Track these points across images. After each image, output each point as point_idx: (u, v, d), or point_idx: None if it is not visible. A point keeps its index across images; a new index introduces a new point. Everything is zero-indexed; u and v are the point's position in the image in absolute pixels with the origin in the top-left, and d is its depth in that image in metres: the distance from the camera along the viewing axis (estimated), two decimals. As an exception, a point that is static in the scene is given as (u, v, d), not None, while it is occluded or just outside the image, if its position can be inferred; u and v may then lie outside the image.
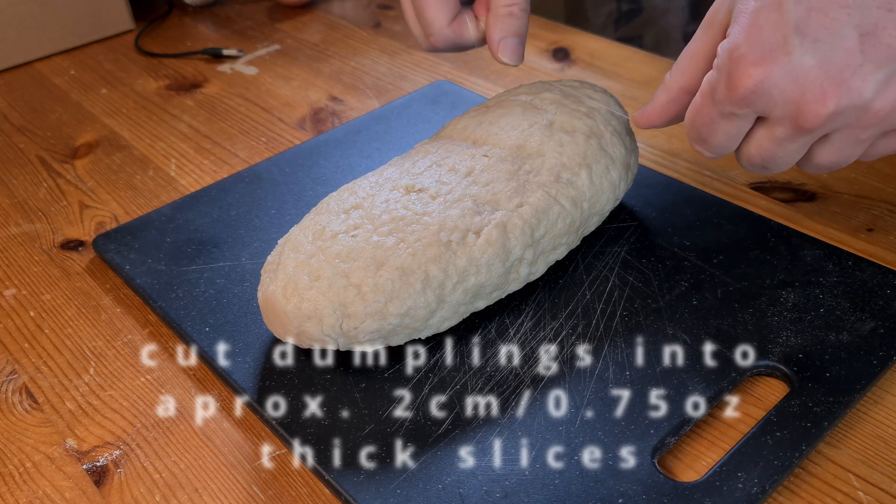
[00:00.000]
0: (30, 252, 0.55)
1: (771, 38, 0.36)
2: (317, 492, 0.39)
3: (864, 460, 0.38)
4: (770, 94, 0.36)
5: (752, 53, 0.36)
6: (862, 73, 0.35)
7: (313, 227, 0.43)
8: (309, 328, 0.40)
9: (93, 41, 0.84)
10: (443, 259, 0.41)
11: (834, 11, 0.35)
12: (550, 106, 0.48)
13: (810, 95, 0.36)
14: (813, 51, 0.35)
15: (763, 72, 0.36)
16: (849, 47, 0.35)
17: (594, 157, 0.46)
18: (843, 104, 0.35)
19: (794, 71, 0.35)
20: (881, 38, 0.34)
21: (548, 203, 0.44)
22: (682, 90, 0.42)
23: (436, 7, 0.50)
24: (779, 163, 0.40)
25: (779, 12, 0.36)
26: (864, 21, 0.34)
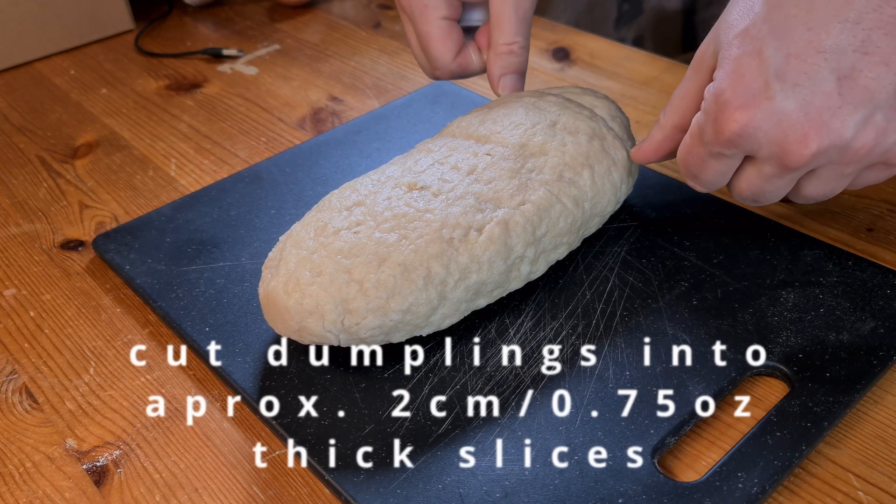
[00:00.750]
0: (30, 252, 0.55)
1: (753, 84, 0.37)
2: (317, 492, 0.39)
3: (864, 460, 0.38)
4: (755, 136, 0.38)
5: (736, 98, 0.38)
6: (841, 115, 0.36)
7: (315, 223, 0.43)
8: (310, 324, 0.40)
9: (93, 41, 0.84)
10: (445, 256, 0.41)
11: (812, 57, 0.36)
12: (554, 108, 0.48)
13: (793, 137, 0.37)
14: (793, 95, 0.37)
15: (747, 116, 0.38)
16: (827, 90, 0.36)
17: (597, 158, 0.46)
18: (825, 144, 0.37)
19: (776, 115, 0.37)
20: (858, 81, 0.36)
21: (550, 202, 0.44)
22: (676, 128, 0.44)
23: (441, 44, 0.52)
24: (768, 196, 0.42)
25: (759, 59, 0.37)
26: (841, 65, 0.36)
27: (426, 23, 0.52)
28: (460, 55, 0.53)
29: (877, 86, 0.36)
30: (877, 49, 0.36)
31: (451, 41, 0.52)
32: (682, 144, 0.43)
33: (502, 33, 0.51)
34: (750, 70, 0.37)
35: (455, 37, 0.53)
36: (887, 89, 0.36)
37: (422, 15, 0.52)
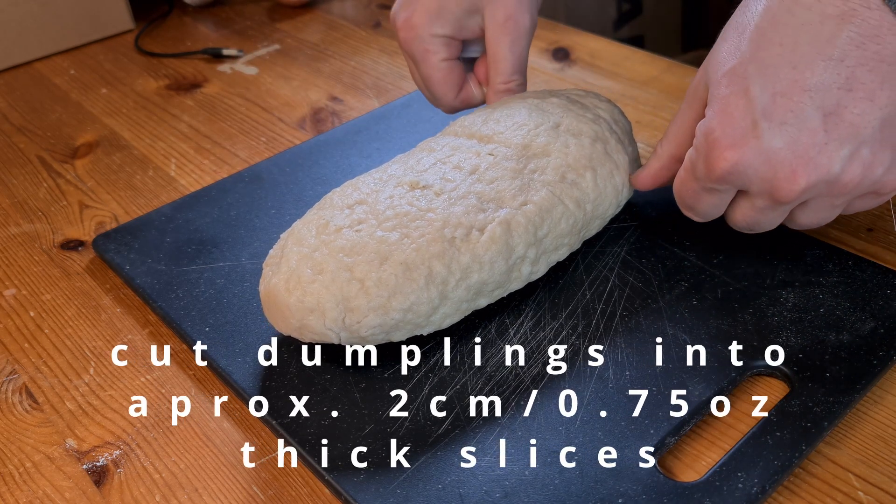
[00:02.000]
0: (30, 252, 0.55)
1: (741, 123, 0.38)
2: (317, 492, 0.39)
3: (864, 460, 0.38)
4: (745, 173, 0.39)
5: (725, 138, 0.39)
6: (827, 151, 0.37)
7: (317, 221, 0.43)
8: (311, 322, 0.40)
9: (93, 41, 0.84)
10: (446, 255, 0.41)
11: (797, 95, 0.37)
12: (557, 109, 0.48)
13: (782, 174, 0.38)
14: (781, 133, 0.37)
15: (737, 155, 0.38)
16: (813, 127, 0.37)
17: (599, 161, 0.46)
18: (813, 180, 0.38)
19: (764, 153, 0.38)
20: (843, 117, 0.37)
21: (552, 202, 0.44)
22: (672, 158, 0.45)
23: (443, 85, 0.54)
24: (763, 226, 0.43)
25: (746, 98, 0.38)
26: (826, 102, 0.37)
27: (428, 66, 0.54)
28: (462, 91, 0.55)
29: (862, 121, 0.37)
30: (861, 85, 0.37)
31: (452, 81, 0.55)
32: (676, 178, 0.44)
33: (499, 73, 0.53)
34: (738, 109, 0.38)
35: (456, 76, 0.55)
36: (872, 124, 0.37)
37: (423, 59, 0.54)
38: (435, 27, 0.53)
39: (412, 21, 0.54)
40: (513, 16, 0.52)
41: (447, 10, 0.53)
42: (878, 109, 0.37)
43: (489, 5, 0.53)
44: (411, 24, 0.54)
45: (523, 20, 0.53)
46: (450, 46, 0.55)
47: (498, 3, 0.53)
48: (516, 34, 0.53)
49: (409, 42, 0.55)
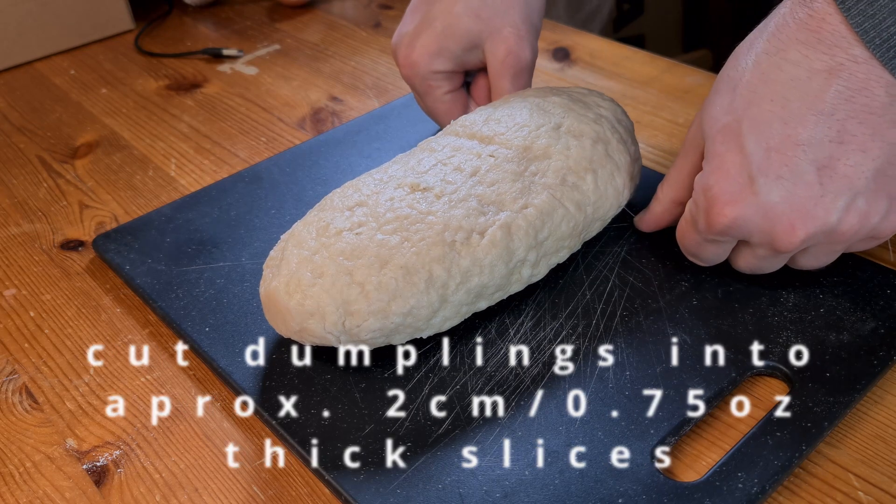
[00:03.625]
0: (30, 252, 0.55)
1: (738, 179, 0.39)
2: (317, 492, 0.39)
3: (864, 460, 0.38)
4: (745, 227, 0.40)
5: (723, 194, 0.40)
6: (824, 204, 0.38)
7: (317, 223, 0.43)
8: (311, 325, 0.40)
9: (93, 41, 0.84)
10: (446, 259, 0.41)
11: (791, 150, 0.38)
12: (559, 109, 0.48)
13: (780, 228, 0.39)
14: (777, 187, 0.38)
15: (735, 211, 0.39)
16: (809, 181, 0.38)
17: (600, 163, 0.46)
18: (812, 231, 0.39)
19: (762, 207, 0.39)
20: (837, 170, 0.38)
21: (553, 206, 0.44)
22: (673, 202, 0.47)
23: (447, 114, 0.57)
24: (766, 270, 0.44)
25: (742, 154, 0.39)
26: (819, 156, 0.38)
27: (433, 100, 0.56)
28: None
29: (855, 173, 0.38)
30: (852, 137, 0.37)
31: (456, 110, 0.57)
32: (678, 228, 0.45)
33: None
34: (734, 166, 0.39)
35: (460, 105, 0.57)
36: (866, 175, 0.38)
37: (427, 93, 0.56)
38: (435, 64, 0.55)
39: (412, 58, 0.55)
40: (513, 51, 0.53)
41: (447, 49, 0.54)
42: (871, 160, 0.37)
43: (489, 41, 0.54)
44: (411, 62, 0.55)
45: (524, 54, 0.54)
46: (452, 79, 0.56)
47: (497, 39, 0.54)
48: (518, 69, 0.54)
49: (410, 78, 0.56)
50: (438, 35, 0.54)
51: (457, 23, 0.54)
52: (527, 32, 0.54)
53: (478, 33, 0.54)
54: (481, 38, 0.54)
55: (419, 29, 0.55)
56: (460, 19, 0.54)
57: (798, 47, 0.37)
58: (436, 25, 0.54)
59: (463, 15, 0.54)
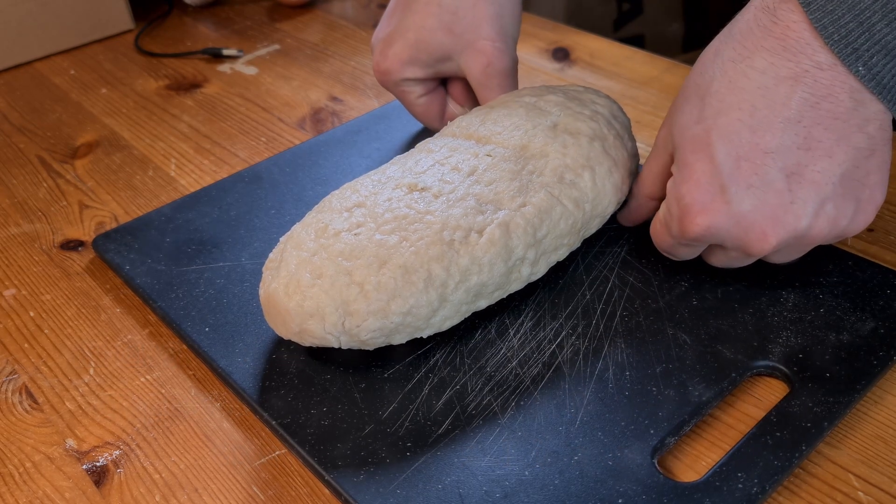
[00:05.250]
0: (30, 252, 0.55)
1: (709, 189, 0.40)
2: (317, 492, 0.39)
3: (864, 460, 0.38)
4: (718, 235, 0.41)
5: (695, 204, 0.40)
6: (794, 210, 0.39)
7: (316, 224, 0.43)
8: (311, 326, 0.40)
9: (93, 41, 0.84)
10: (445, 258, 0.41)
11: (759, 158, 0.38)
12: (554, 108, 0.48)
13: (753, 235, 0.40)
14: (748, 196, 0.39)
15: (708, 220, 0.40)
16: (779, 188, 0.39)
17: (597, 160, 0.46)
18: (783, 237, 0.39)
19: (734, 216, 0.39)
20: (805, 176, 0.38)
21: (550, 203, 0.44)
22: (647, 197, 0.47)
23: (426, 116, 0.58)
24: (739, 267, 0.45)
25: (712, 164, 0.39)
26: (788, 162, 0.38)
27: (409, 104, 0.57)
28: (446, 114, 0.58)
29: (823, 178, 0.38)
30: (818, 144, 0.38)
31: (433, 112, 0.58)
32: (652, 226, 0.45)
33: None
34: (705, 175, 0.40)
35: (437, 106, 0.58)
36: (832, 180, 0.38)
37: (403, 98, 0.57)
38: (407, 72, 0.55)
39: (384, 66, 0.56)
40: (491, 62, 0.53)
41: (418, 59, 0.55)
42: (837, 165, 0.38)
43: (464, 54, 0.54)
44: (384, 69, 0.56)
45: (503, 64, 0.54)
46: (425, 84, 0.57)
47: (473, 52, 0.54)
48: (500, 78, 0.54)
49: (384, 84, 0.57)
50: (410, 46, 0.54)
51: (429, 38, 0.54)
52: (502, 43, 0.54)
53: (451, 47, 0.54)
54: (455, 52, 0.54)
55: (392, 37, 0.55)
56: (433, 34, 0.54)
57: (764, 55, 0.38)
58: (408, 36, 0.54)
59: (435, 30, 0.54)
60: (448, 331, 0.44)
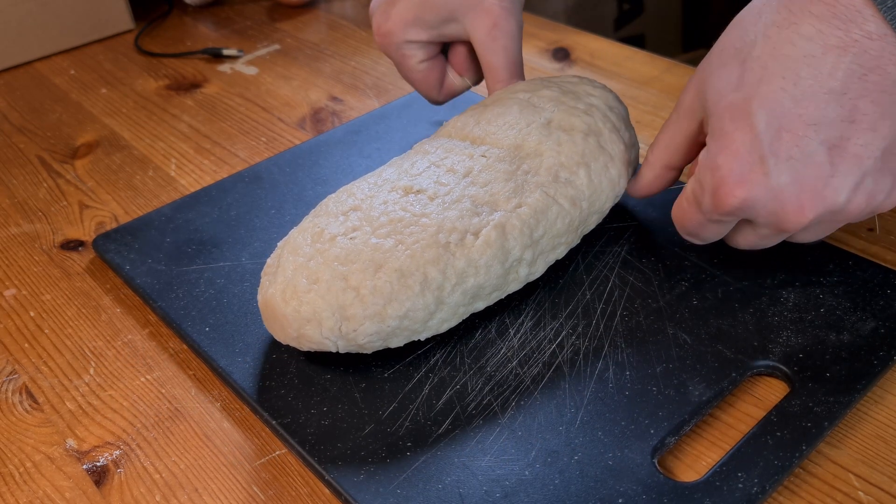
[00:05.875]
0: (30, 252, 0.55)
1: (748, 159, 0.38)
2: (317, 492, 0.39)
3: (865, 460, 0.38)
4: (753, 208, 0.39)
5: (732, 175, 0.38)
6: (833, 184, 0.37)
7: (312, 229, 0.43)
8: (308, 331, 0.40)
9: (93, 41, 0.84)
10: (441, 261, 0.41)
11: (802, 129, 0.37)
12: (548, 104, 0.48)
13: (790, 207, 0.38)
14: (787, 168, 0.37)
15: (745, 191, 0.38)
16: (819, 161, 0.37)
17: (592, 156, 0.46)
18: (820, 211, 0.38)
19: (772, 189, 0.38)
20: (847, 149, 0.37)
21: (546, 203, 0.44)
22: (665, 167, 0.46)
23: (424, 84, 0.56)
24: (764, 247, 0.43)
25: (752, 134, 0.38)
26: (830, 135, 0.37)
27: (408, 70, 0.55)
28: (444, 86, 0.56)
29: (865, 152, 0.37)
30: (863, 117, 0.37)
31: (432, 80, 0.56)
32: (677, 207, 0.44)
33: (497, 80, 0.53)
34: (744, 145, 0.38)
35: (437, 73, 0.56)
36: (875, 154, 0.37)
37: (402, 63, 0.55)
38: (410, 34, 0.54)
39: (386, 28, 0.54)
40: (498, 23, 0.52)
41: (422, 20, 0.53)
42: (881, 139, 0.37)
43: (470, 14, 0.52)
44: (385, 31, 0.54)
45: (509, 25, 0.52)
46: (427, 49, 0.55)
47: (480, 12, 0.52)
48: (506, 40, 0.52)
49: (384, 47, 0.55)
50: (415, 5, 0.53)
51: None
52: (509, 3, 0.52)
53: (456, 7, 0.52)
54: (460, 12, 0.52)
55: None
56: None
57: (811, 21, 0.36)
58: None
59: None
60: (448, 331, 0.44)
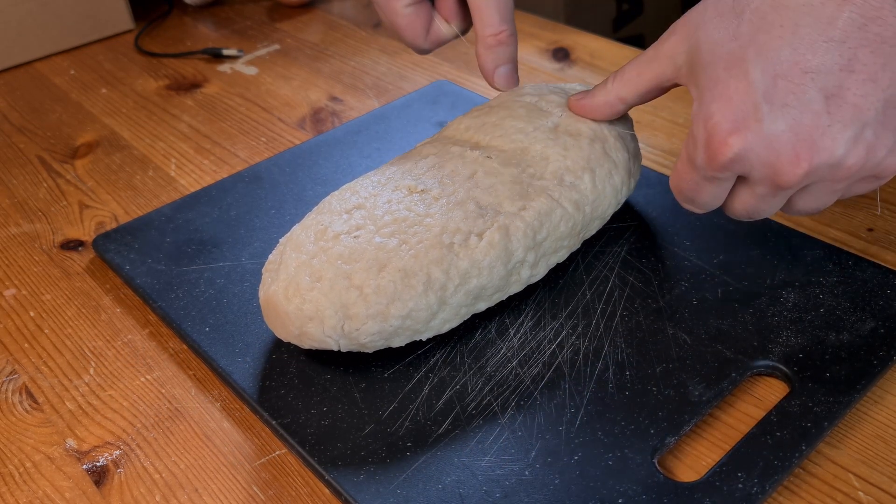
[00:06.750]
0: (30, 252, 0.55)
1: (742, 107, 0.37)
2: (317, 492, 0.39)
3: (864, 460, 0.38)
4: (748, 159, 0.38)
5: (726, 123, 0.37)
6: (830, 134, 0.36)
7: (315, 226, 0.43)
8: (310, 329, 0.40)
9: (93, 41, 0.84)
10: (445, 261, 0.41)
11: (798, 77, 0.36)
12: (555, 108, 0.48)
13: (785, 158, 0.37)
14: (783, 116, 0.37)
15: (738, 140, 0.37)
16: (816, 110, 0.36)
17: (597, 162, 0.46)
18: (816, 163, 0.37)
19: (767, 137, 0.37)
20: (846, 99, 0.36)
21: (550, 206, 0.44)
22: (619, 99, 0.45)
23: (410, 30, 0.53)
24: (762, 213, 0.42)
25: (747, 81, 0.37)
26: (828, 84, 0.36)
27: (393, 14, 0.52)
28: (431, 33, 0.53)
29: (864, 103, 0.36)
30: (863, 67, 0.36)
31: (418, 25, 0.52)
32: (674, 171, 0.43)
33: (486, 25, 0.50)
34: (738, 93, 0.37)
35: (422, 19, 0.52)
36: (875, 106, 0.36)
37: (387, 6, 0.52)
38: None
39: None
40: None
41: None
42: (881, 91, 0.36)
43: None
44: None
45: None
46: None
47: None
48: None
49: None
50: None
51: None
52: None
53: None
54: None
55: None
56: None
57: None
58: None
59: None
60: (448, 331, 0.44)
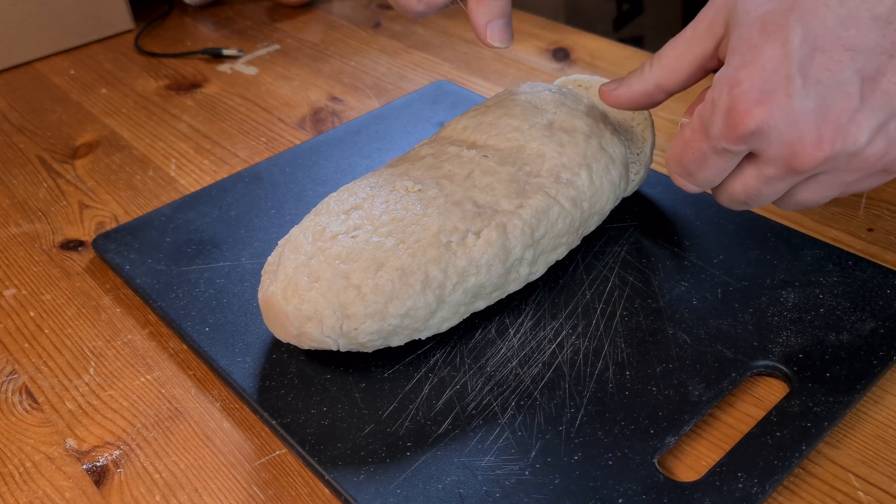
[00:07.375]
0: (30, 252, 0.55)
1: (773, 77, 0.35)
2: (317, 492, 0.39)
3: (864, 460, 0.38)
4: (768, 135, 0.35)
5: (753, 91, 0.35)
6: (858, 120, 0.34)
7: (313, 227, 0.43)
8: (309, 329, 0.40)
9: (93, 41, 0.84)
10: (442, 260, 0.41)
11: (838, 53, 0.34)
12: (550, 105, 0.48)
13: (807, 139, 0.35)
14: (814, 93, 0.34)
15: (763, 113, 0.35)
16: (849, 93, 0.34)
17: (594, 157, 0.46)
18: (838, 149, 0.35)
19: (793, 114, 0.35)
20: (880, 84, 0.34)
21: (548, 203, 0.44)
22: (658, 87, 0.42)
23: None
24: (761, 200, 0.40)
25: (784, 49, 0.34)
26: (867, 66, 0.34)
27: None
28: None
29: None
30: None
31: None
32: (677, 140, 0.40)
33: None
34: (771, 61, 0.34)
35: None
36: None
37: None
38: None
39: None
40: None
41: None
42: None
43: None
44: None
45: None
46: None
47: None
48: None
49: None
50: None
51: None
52: None
53: None
54: None
55: None
56: None
57: None
58: None
59: None
60: (448, 330, 0.44)
